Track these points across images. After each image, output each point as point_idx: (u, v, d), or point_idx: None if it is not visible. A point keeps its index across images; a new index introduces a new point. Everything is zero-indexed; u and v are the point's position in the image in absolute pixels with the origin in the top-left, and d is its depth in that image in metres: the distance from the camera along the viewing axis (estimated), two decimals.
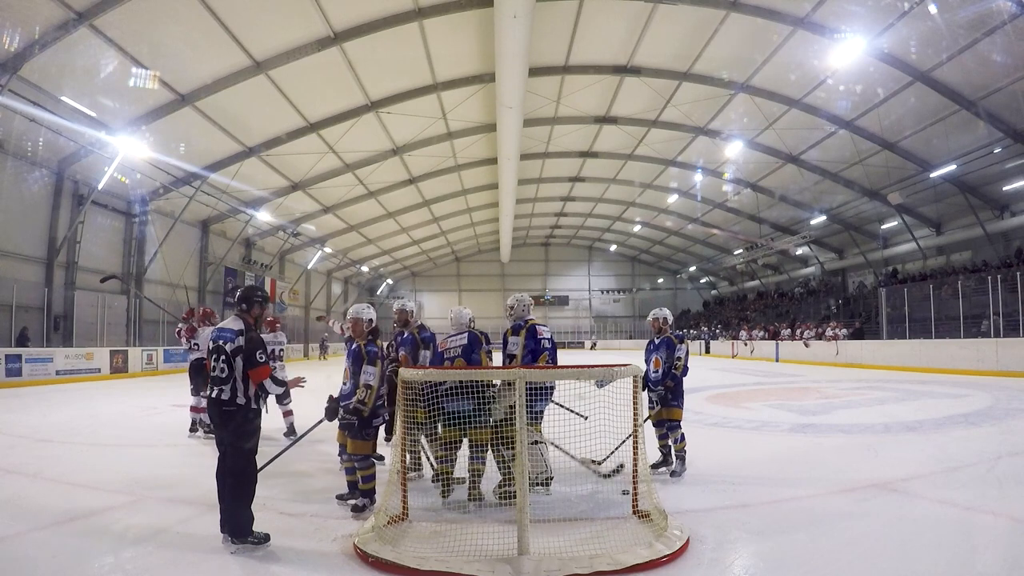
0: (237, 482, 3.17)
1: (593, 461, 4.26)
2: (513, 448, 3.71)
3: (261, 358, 3.27)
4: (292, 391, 4.54)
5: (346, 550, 3.08)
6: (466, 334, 4.25)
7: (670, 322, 4.99)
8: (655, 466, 4.62)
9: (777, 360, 22.65)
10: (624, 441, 3.83)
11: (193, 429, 6.61)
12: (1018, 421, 7.00)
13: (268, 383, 3.28)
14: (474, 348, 4.17)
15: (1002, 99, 14.93)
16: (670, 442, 4.73)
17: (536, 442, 3.90)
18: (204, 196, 19.87)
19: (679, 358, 4.75)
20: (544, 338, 4.23)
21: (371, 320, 3.98)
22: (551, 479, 4.07)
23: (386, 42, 14.59)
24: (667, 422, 4.72)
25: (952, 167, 17.63)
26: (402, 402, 3.49)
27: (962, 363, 14.31)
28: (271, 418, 5.31)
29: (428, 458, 4.48)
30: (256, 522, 3.20)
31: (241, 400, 3.21)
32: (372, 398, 3.70)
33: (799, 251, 30.36)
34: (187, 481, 4.59)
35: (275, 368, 4.89)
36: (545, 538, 3.05)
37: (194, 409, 6.61)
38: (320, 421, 4.08)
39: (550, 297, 46.42)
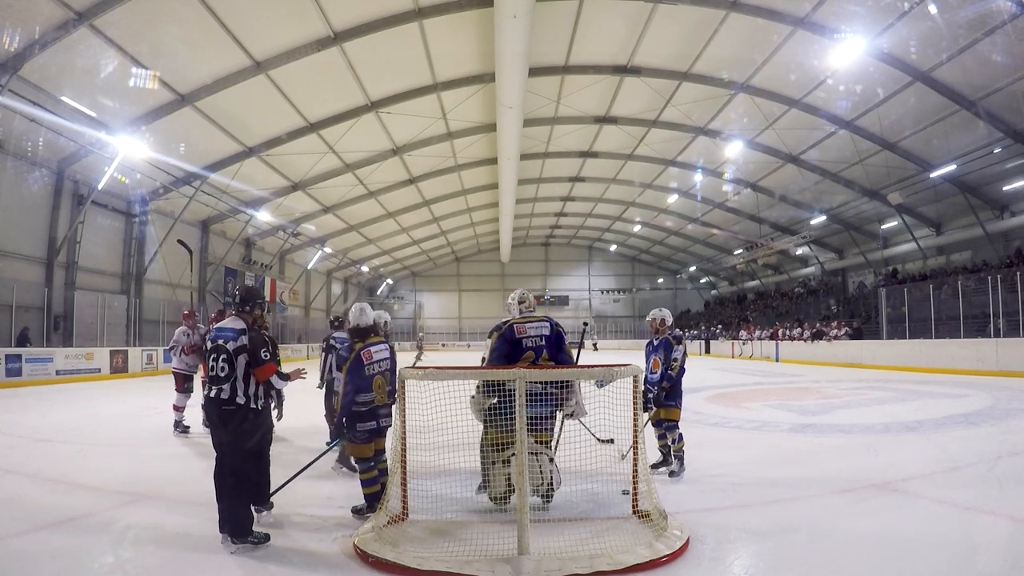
0: (237, 482, 3.18)
1: (611, 441, 3.99)
2: (496, 452, 3.68)
3: (265, 356, 3.30)
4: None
5: (346, 550, 3.07)
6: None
7: (668, 323, 4.98)
8: (654, 466, 4.62)
9: (777, 360, 22.64)
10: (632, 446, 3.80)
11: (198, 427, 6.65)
12: (1018, 421, 7.00)
13: (275, 379, 3.34)
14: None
15: (1002, 99, 14.92)
16: (669, 442, 4.73)
17: (534, 453, 3.67)
18: (204, 196, 19.86)
19: (675, 359, 4.75)
20: (527, 336, 3.84)
21: (361, 323, 3.80)
22: (551, 492, 3.80)
23: (386, 42, 14.58)
24: (665, 422, 4.73)
25: (952, 167, 17.61)
26: (402, 403, 3.48)
27: (962, 363, 14.31)
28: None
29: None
30: (255, 522, 3.20)
31: (241, 399, 3.23)
32: (339, 404, 3.61)
33: (799, 251, 30.35)
34: (187, 481, 4.59)
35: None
36: (545, 538, 3.05)
37: (178, 408, 6.73)
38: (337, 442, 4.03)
39: (550, 297, 46.41)
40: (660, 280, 47.15)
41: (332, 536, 3.30)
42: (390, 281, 45.77)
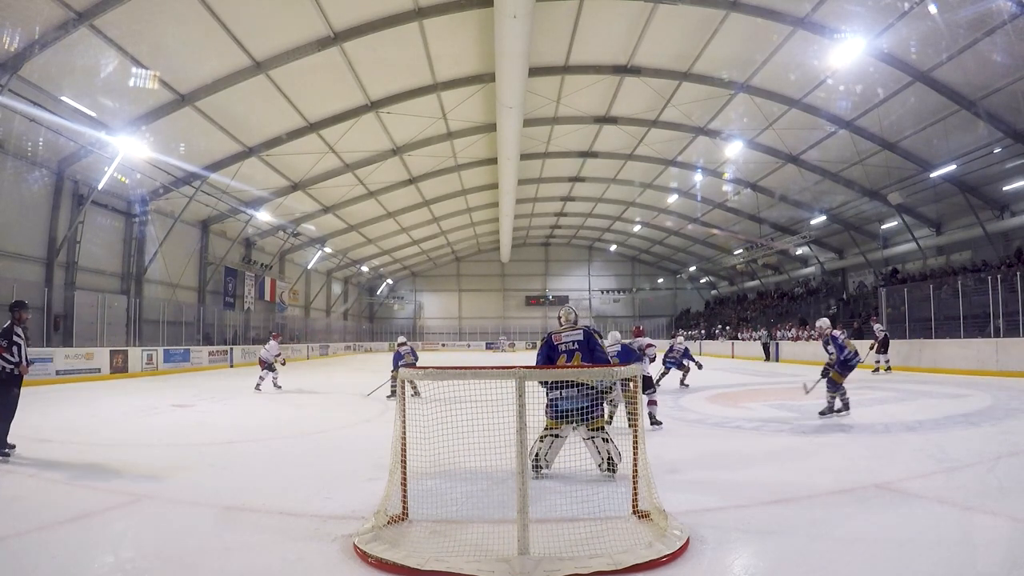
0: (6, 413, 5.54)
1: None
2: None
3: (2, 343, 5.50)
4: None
5: (346, 550, 3.07)
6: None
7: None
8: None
9: (777, 360, 22.63)
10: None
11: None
12: (1018, 421, 7.00)
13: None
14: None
15: (1002, 99, 14.91)
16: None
17: (542, 437, 4.42)
18: (204, 196, 19.87)
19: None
20: (562, 342, 4.71)
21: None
22: (612, 465, 4.34)
23: (386, 42, 14.59)
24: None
25: (952, 167, 17.61)
26: (402, 403, 3.49)
27: (962, 363, 14.29)
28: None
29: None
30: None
31: (9, 368, 5.61)
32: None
33: (799, 251, 30.34)
34: (187, 481, 4.59)
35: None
36: (545, 538, 3.05)
37: None
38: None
39: (550, 297, 46.43)
40: (660, 280, 47.16)
41: (332, 536, 3.30)
42: (390, 281, 45.78)
